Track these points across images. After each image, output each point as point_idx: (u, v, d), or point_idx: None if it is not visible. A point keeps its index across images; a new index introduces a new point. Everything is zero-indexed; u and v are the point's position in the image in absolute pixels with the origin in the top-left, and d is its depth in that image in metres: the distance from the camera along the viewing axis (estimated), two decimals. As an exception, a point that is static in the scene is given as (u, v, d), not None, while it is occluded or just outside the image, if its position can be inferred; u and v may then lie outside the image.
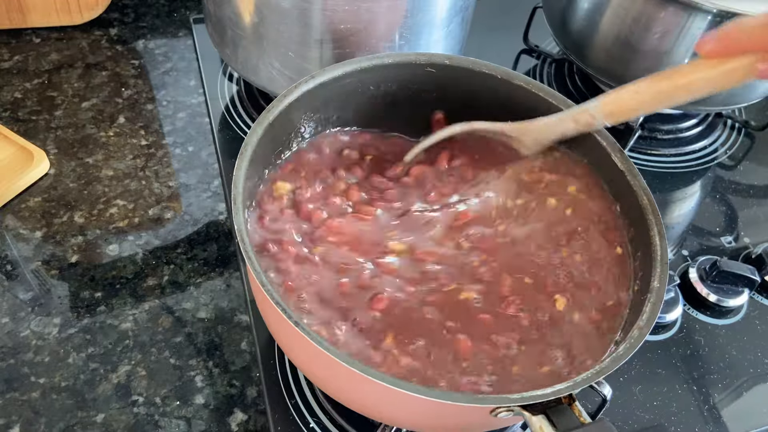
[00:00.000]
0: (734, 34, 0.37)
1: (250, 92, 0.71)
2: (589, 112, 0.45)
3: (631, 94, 0.43)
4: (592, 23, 0.66)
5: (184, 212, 0.62)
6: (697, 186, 0.69)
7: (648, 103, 0.42)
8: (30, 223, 0.60)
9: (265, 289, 0.36)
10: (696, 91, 0.40)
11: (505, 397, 0.34)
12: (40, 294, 0.55)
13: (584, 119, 0.46)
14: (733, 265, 0.58)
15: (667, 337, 0.56)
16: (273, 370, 0.51)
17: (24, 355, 0.51)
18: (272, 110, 0.45)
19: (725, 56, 0.38)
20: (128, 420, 0.49)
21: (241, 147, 0.42)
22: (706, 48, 0.38)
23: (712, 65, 0.39)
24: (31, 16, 0.76)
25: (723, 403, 0.53)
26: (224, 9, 0.58)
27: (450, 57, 0.51)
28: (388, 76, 0.51)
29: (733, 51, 0.38)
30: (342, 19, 0.54)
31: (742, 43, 0.37)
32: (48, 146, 0.66)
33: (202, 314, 0.55)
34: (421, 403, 0.34)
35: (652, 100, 0.42)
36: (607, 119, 0.45)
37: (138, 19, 0.81)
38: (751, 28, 0.36)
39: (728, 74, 0.39)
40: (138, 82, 0.74)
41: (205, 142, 0.68)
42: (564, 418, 0.34)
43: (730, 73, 0.38)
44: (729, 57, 0.38)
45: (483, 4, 0.71)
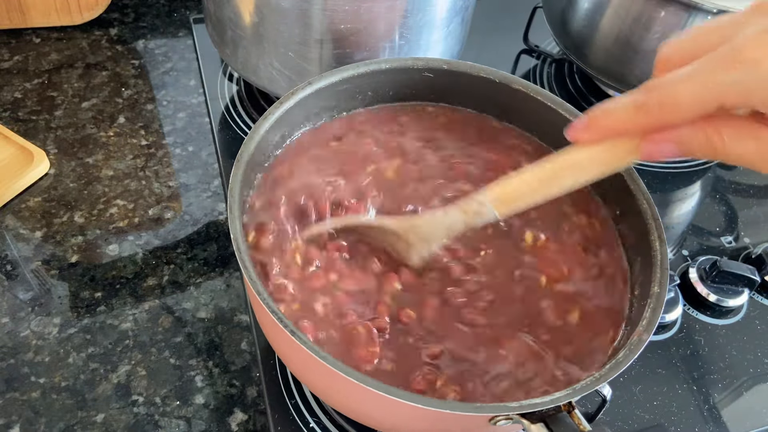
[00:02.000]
0: (602, 122, 0.35)
1: (250, 92, 0.71)
2: (477, 200, 0.41)
3: (516, 179, 0.40)
4: (592, 23, 0.66)
5: (184, 212, 0.62)
6: (697, 186, 0.69)
7: (535, 187, 0.39)
8: (30, 223, 0.60)
9: (261, 298, 0.36)
10: (584, 169, 0.37)
11: (503, 405, 0.34)
12: (40, 294, 0.55)
13: (472, 208, 0.42)
14: (733, 265, 0.58)
15: (667, 337, 0.56)
16: (273, 370, 0.51)
17: (24, 355, 0.52)
18: (269, 117, 0.45)
19: (600, 141, 0.36)
20: (128, 420, 0.49)
21: (237, 155, 0.42)
22: (579, 138, 0.36)
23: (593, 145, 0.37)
24: (31, 16, 0.76)
25: (723, 403, 0.53)
26: (224, 9, 0.58)
27: (448, 62, 0.51)
28: (386, 81, 0.51)
29: (607, 136, 0.35)
30: (342, 19, 0.54)
31: (612, 129, 0.35)
32: (48, 146, 0.66)
33: (202, 314, 0.55)
34: (420, 412, 0.34)
35: (538, 183, 0.39)
36: (497, 208, 0.41)
37: (138, 19, 0.81)
38: (616, 113, 0.34)
39: (610, 151, 0.36)
40: (138, 82, 0.74)
41: (205, 142, 0.68)
42: (563, 426, 0.34)
43: (612, 149, 0.36)
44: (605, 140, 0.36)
45: (483, 4, 0.71)
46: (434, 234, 0.44)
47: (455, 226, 0.43)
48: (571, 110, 0.49)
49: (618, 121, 0.34)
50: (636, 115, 0.33)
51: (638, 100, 0.33)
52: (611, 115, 0.34)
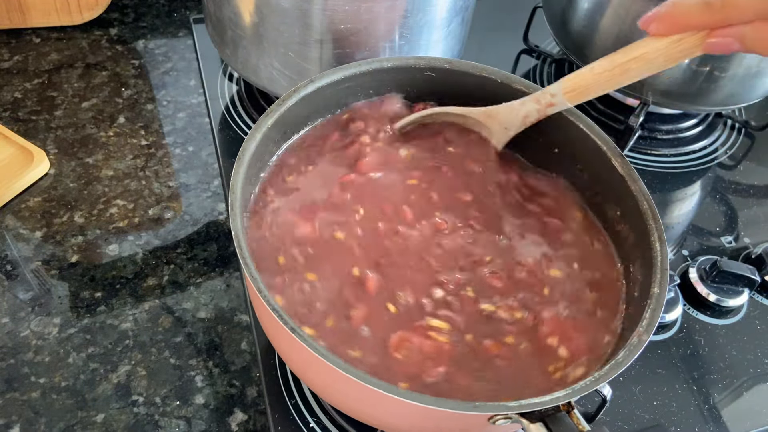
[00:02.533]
0: (675, 15, 0.38)
1: (250, 92, 0.71)
2: (550, 92, 0.46)
3: (587, 71, 0.44)
4: (592, 23, 0.65)
5: (184, 212, 0.62)
6: (697, 186, 0.69)
7: (605, 77, 0.43)
8: (30, 223, 0.60)
9: (262, 295, 0.36)
10: (650, 62, 0.41)
11: (503, 404, 0.34)
12: (40, 294, 0.55)
13: (545, 99, 0.46)
14: (733, 265, 0.58)
15: (667, 337, 0.56)
16: (273, 370, 0.51)
17: (24, 355, 0.52)
18: (270, 115, 0.45)
19: (670, 34, 0.39)
20: (128, 420, 0.49)
21: (239, 152, 0.42)
22: (650, 28, 0.40)
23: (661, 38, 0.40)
24: (31, 16, 0.76)
25: (723, 403, 0.53)
26: (224, 9, 0.58)
27: (450, 61, 0.51)
28: (388, 80, 0.51)
29: (677, 29, 0.39)
30: (342, 19, 0.54)
31: (683, 23, 0.38)
32: (48, 146, 0.66)
33: (202, 314, 0.55)
34: (419, 410, 0.34)
35: (608, 74, 0.43)
36: (568, 97, 0.45)
37: (138, 19, 0.81)
38: (688, 9, 0.37)
39: (678, 44, 0.39)
40: (138, 82, 0.74)
41: (205, 142, 0.68)
42: (562, 425, 0.34)
43: (678, 43, 0.39)
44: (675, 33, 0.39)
45: (483, 4, 0.71)
46: (512, 122, 0.48)
47: (531, 115, 0.48)
48: (572, 110, 0.49)
49: (687, 15, 0.38)
50: (704, 12, 0.37)
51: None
52: (682, 8, 0.38)
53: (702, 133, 0.74)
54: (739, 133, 0.75)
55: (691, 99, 0.65)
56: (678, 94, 0.64)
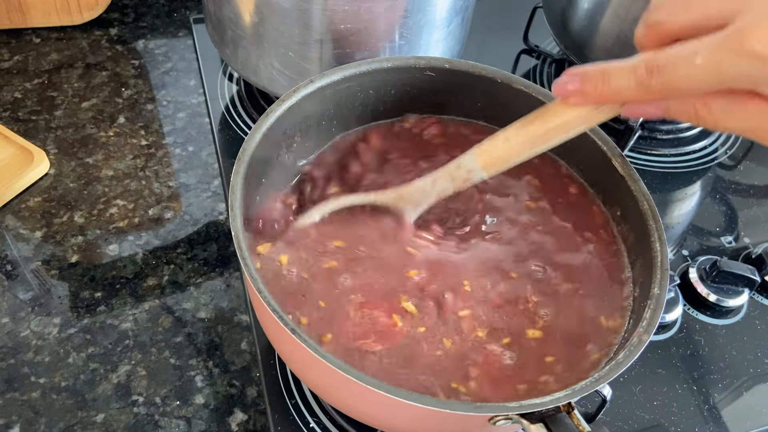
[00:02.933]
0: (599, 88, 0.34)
1: (250, 92, 0.71)
2: (465, 166, 0.42)
3: (502, 142, 0.40)
4: (592, 23, 0.65)
5: (184, 212, 0.62)
6: (697, 186, 0.69)
7: (521, 148, 0.40)
8: (30, 223, 0.60)
9: (262, 296, 0.36)
10: (570, 130, 0.38)
11: (503, 405, 0.34)
12: (40, 294, 0.55)
13: (460, 175, 0.43)
14: (733, 265, 0.58)
15: (667, 337, 0.56)
16: (273, 370, 0.51)
17: (24, 355, 0.51)
18: (270, 115, 0.45)
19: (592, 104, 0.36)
20: (128, 420, 0.49)
21: (239, 153, 0.42)
22: (571, 100, 0.36)
23: None
24: (31, 16, 0.76)
25: (723, 403, 0.53)
26: (224, 9, 0.58)
27: (450, 61, 0.51)
28: (388, 80, 0.51)
29: (601, 102, 0.35)
30: (342, 19, 0.54)
31: (609, 97, 0.34)
32: (48, 146, 0.66)
33: (202, 314, 0.55)
34: (419, 411, 0.34)
35: (525, 144, 0.39)
36: (485, 170, 0.42)
37: (138, 19, 0.81)
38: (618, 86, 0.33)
39: (598, 110, 0.36)
40: (138, 82, 0.74)
41: (205, 142, 0.68)
42: (562, 426, 0.34)
43: (599, 110, 0.36)
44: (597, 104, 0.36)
45: (483, 4, 0.71)
46: (424, 200, 0.46)
47: (445, 192, 0.45)
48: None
49: (616, 90, 0.34)
50: (637, 90, 0.33)
51: (641, 78, 0.32)
52: (610, 83, 0.34)
53: (702, 133, 0.74)
54: (739, 133, 0.75)
55: (691, 99, 0.65)
56: (678, 94, 0.64)
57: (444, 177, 0.44)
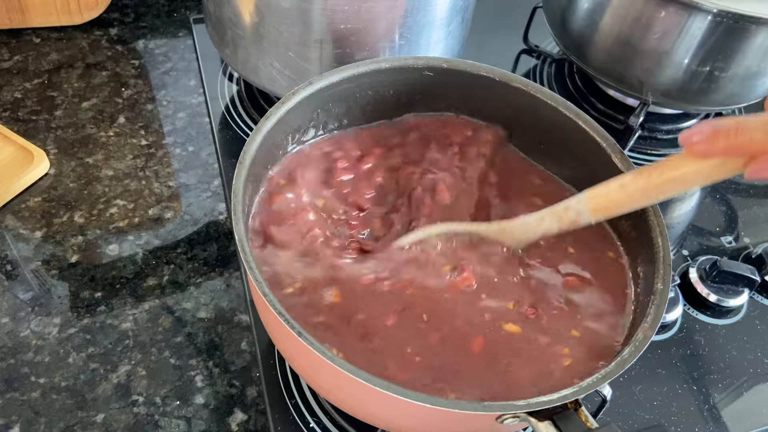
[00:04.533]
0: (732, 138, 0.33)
1: (250, 92, 0.71)
2: (574, 209, 0.42)
3: (616, 188, 0.40)
4: (592, 23, 0.65)
5: (184, 212, 0.62)
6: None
7: (637, 197, 0.39)
8: (30, 223, 0.60)
9: (267, 299, 0.36)
10: (688, 183, 0.37)
11: (510, 404, 0.34)
12: (40, 294, 0.55)
13: (568, 217, 0.43)
14: (733, 265, 0.58)
15: (667, 337, 0.56)
16: (273, 370, 0.51)
17: (24, 355, 0.51)
18: (270, 118, 0.45)
19: (719, 157, 0.35)
20: (128, 420, 0.49)
21: (240, 156, 0.42)
22: (695, 149, 0.35)
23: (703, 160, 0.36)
24: (31, 16, 0.76)
25: (723, 403, 0.53)
26: (224, 9, 0.58)
27: (448, 60, 0.51)
28: (386, 80, 0.51)
29: (731, 154, 0.34)
30: (342, 19, 0.54)
31: (740, 148, 0.33)
32: (48, 146, 0.66)
33: (202, 314, 0.55)
34: (427, 411, 0.34)
35: (641, 193, 0.39)
36: (594, 216, 0.41)
37: (138, 19, 0.81)
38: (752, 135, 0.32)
39: (722, 167, 0.35)
40: (138, 82, 0.74)
41: (205, 142, 0.68)
42: (570, 423, 0.34)
43: (723, 166, 0.35)
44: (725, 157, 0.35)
45: (483, 4, 0.71)
46: (527, 237, 0.46)
47: (550, 231, 0.44)
48: (572, 108, 0.49)
49: (748, 141, 0.33)
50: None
51: None
52: (745, 134, 0.33)
53: (702, 133, 0.74)
54: (739, 133, 0.75)
55: (691, 99, 0.65)
56: (678, 94, 0.64)
57: (551, 217, 0.43)
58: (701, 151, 0.35)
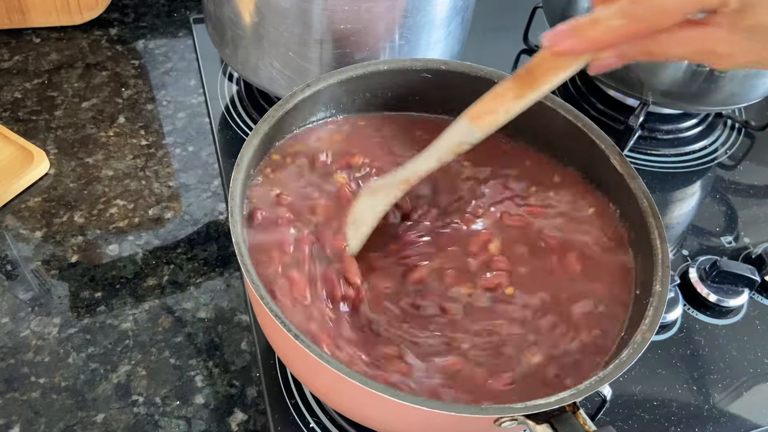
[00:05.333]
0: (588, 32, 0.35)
1: (250, 92, 0.71)
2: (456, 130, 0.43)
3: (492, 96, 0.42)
4: (592, 23, 0.65)
5: (184, 212, 0.62)
6: (697, 186, 0.69)
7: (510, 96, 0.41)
8: (30, 223, 0.60)
9: (264, 302, 0.36)
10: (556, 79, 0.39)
11: (508, 406, 0.34)
12: (40, 294, 0.55)
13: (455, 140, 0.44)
14: (733, 265, 0.57)
15: (667, 337, 0.56)
16: (273, 369, 0.51)
17: (24, 355, 0.52)
18: (268, 120, 0.45)
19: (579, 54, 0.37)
20: (128, 420, 0.49)
21: (237, 158, 0.42)
22: (560, 47, 0.36)
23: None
24: (31, 16, 0.76)
25: (723, 403, 0.53)
26: (224, 9, 0.58)
27: (446, 62, 0.51)
28: (385, 82, 0.51)
29: (588, 49, 0.36)
30: (342, 19, 0.54)
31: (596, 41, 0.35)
32: (48, 146, 0.66)
33: (202, 314, 0.55)
34: (425, 415, 0.34)
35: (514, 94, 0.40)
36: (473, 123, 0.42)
37: (138, 19, 0.81)
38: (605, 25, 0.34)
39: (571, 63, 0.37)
40: (138, 82, 0.74)
41: (205, 142, 0.68)
42: (568, 426, 0.34)
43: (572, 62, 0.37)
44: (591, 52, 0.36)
45: (483, 4, 0.71)
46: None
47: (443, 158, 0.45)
48: (571, 110, 0.49)
49: (606, 31, 0.34)
50: (627, 25, 0.34)
51: (628, 10, 0.33)
52: (600, 25, 0.34)
53: (702, 133, 0.74)
54: (739, 133, 0.75)
55: (691, 99, 0.65)
56: (678, 94, 0.64)
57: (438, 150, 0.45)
58: (564, 50, 0.37)
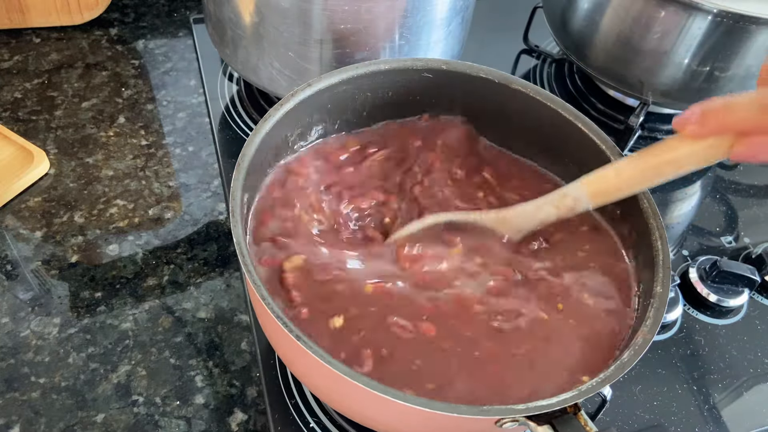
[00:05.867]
0: (721, 117, 0.34)
1: (250, 92, 0.71)
2: (571, 196, 0.43)
3: (613, 174, 0.41)
4: (592, 23, 0.65)
5: (184, 212, 0.62)
6: (697, 186, 0.69)
7: (634, 182, 0.41)
8: (30, 223, 0.60)
9: (265, 302, 0.36)
10: (682, 165, 0.38)
11: (509, 407, 0.34)
12: (40, 294, 0.55)
13: (566, 204, 0.43)
14: (733, 265, 0.58)
15: (667, 337, 0.56)
16: (273, 369, 0.51)
17: (24, 355, 0.52)
18: (269, 120, 0.45)
19: (711, 137, 0.36)
20: (128, 420, 0.49)
21: (238, 159, 0.42)
22: (688, 130, 0.36)
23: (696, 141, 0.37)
24: (31, 16, 0.76)
25: (723, 403, 0.53)
26: (224, 9, 0.58)
27: (447, 62, 0.51)
28: (385, 82, 0.51)
29: (719, 133, 0.35)
30: (342, 19, 0.54)
31: (727, 127, 0.34)
32: (48, 146, 0.66)
33: (202, 314, 0.55)
34: (426, 416, 0.34)
35: (639, 177, 0.40)
36: (592, 201, 0.42)
37: (138, 19, 0.81)
38: (740, 113, 0.34)
39: (713, 149, 0.36)
40: (138, 82, 0.74)
41: (205, 142, 0.68)
42: (570, 427, 0.34)
43: (715, 147, 0.36)
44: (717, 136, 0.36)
45: (483, 4, 0.71)
46: (525, 226, 0.46)
47: (548, 219, 0.45)
48: (571, 110, 0.49)
49: (740, 119, 0.34)
50: (762, 115, 0.33)
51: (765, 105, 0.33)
52: (734, 112, 0.34)
53: (702, 133, 0.74)
54: (739, 133, 0.75)
55: (691, 99, 0.65)
56: (678, 94, 0.64)
57: (548, 204, 0.44)
58: (693, 133, 0.36)
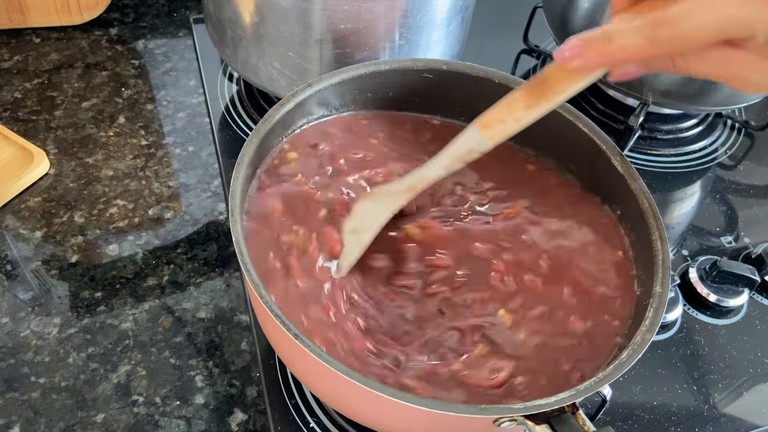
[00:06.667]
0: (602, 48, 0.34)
1: (250, 92, 0.71)
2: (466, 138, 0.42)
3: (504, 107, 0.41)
4: (593, 23, 0.65)
5: (184, 212, 0.62)
6: (697, 186, 0.69)
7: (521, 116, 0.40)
8: (30, 223, 0.60)
9: (263, 301, 0.36)
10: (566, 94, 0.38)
11: (508, 407, 0.34)
12: (40, 294, 0.55)
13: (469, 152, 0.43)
14: (733, 265, 0.58)
15: (667, 337, 0.56)
16: (273, 369, 0.51)
17: (24, 355, 0.52)
18: (269, 119, 0.45)
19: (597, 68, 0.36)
20: (128, 420, 0.49)
21: (238, 158, 0.42)
22: (574, 64, 0.35)
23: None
24: (31, 16, 0.76)
25: (723, 403, 0.53)
26: (224, 9, 0.58)
27: (447, 62, 0.51)
28: (386, 82, 0.51)
29: (606, 63, 0.35)
30: (342, 19, 0.54)
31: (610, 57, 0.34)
32: (48, 146, 0.66)
33: (202, 314, 0.55)
34: (424, 415, 0.34)
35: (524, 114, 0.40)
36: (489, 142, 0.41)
37: (138, 19, 0.81)
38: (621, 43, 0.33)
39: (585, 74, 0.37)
40: (138, 82, 0.74)
41: (205, 142, 0.68)
42: (568, 427, 0.34)
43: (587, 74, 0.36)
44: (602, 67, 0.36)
45: (483, 4, 0.71)
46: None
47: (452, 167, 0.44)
48: (571, 110, 0.49)
49: (621, 49, 0.33)
50: (644, 47, 0.32)
51: (648, 32, 0.32)
52: (615, 42, 0.33)
53: (702, 133, 0.74)
54: (739, 133, 0.75)
55: (691, 99, 0.65)
56: (678, 94, 0.64)
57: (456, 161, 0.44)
58: (579, 67, 0.36)
